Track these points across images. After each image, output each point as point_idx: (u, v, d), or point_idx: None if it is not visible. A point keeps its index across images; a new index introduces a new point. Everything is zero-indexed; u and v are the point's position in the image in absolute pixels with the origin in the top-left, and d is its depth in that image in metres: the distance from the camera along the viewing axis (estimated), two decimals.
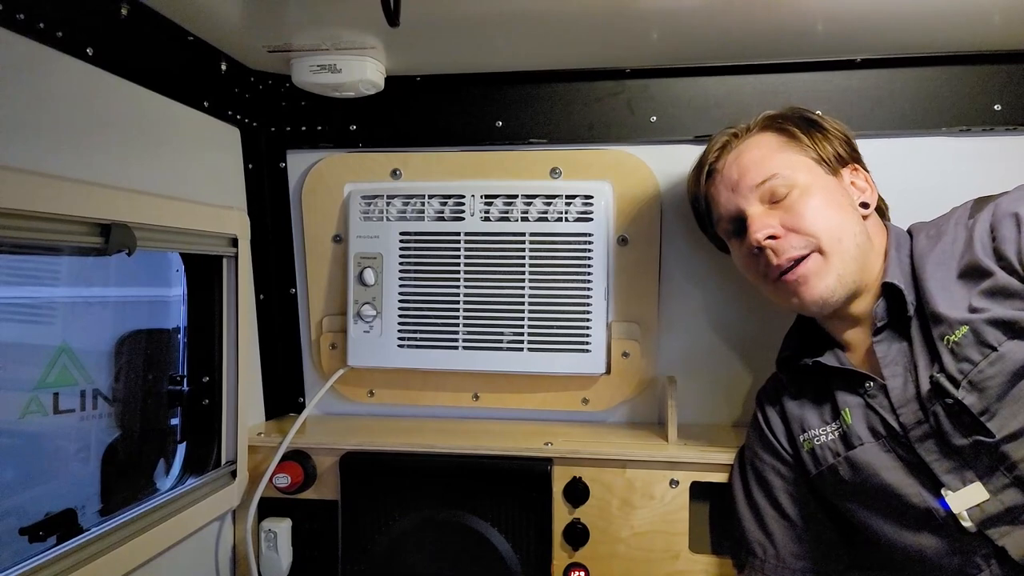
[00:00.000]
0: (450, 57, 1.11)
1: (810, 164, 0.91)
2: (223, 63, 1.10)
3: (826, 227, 0.86)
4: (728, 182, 0.93)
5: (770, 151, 0.92)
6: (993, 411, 0.76)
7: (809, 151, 0.92)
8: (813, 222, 0.86)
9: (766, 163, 0.91)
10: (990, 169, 1.10)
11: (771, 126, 0.95)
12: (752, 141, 0.94)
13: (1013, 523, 0.77)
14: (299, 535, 1.17)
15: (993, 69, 1.08)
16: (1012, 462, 0.76)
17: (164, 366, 1.21)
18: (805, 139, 0.92)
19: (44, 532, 0.98)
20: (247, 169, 1.21)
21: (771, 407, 1.00)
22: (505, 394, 1.24)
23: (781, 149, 0.92)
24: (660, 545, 1.09)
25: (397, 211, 1.20)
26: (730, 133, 0.97)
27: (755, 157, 0.92)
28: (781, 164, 0.90)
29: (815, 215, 0.87)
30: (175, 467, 1.14)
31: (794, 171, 0.90)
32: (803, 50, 1.07)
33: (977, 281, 0.79)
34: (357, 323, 1.21)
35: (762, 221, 0.88)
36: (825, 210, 0.87)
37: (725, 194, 0.94)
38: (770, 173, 0.89)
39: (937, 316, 0.81)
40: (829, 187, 0.90)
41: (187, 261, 1.13)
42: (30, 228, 0.76)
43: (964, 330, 0.78)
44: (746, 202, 0.91)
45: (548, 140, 1.19)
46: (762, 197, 0.90)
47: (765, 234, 0.87)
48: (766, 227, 0.87)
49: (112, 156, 0.90)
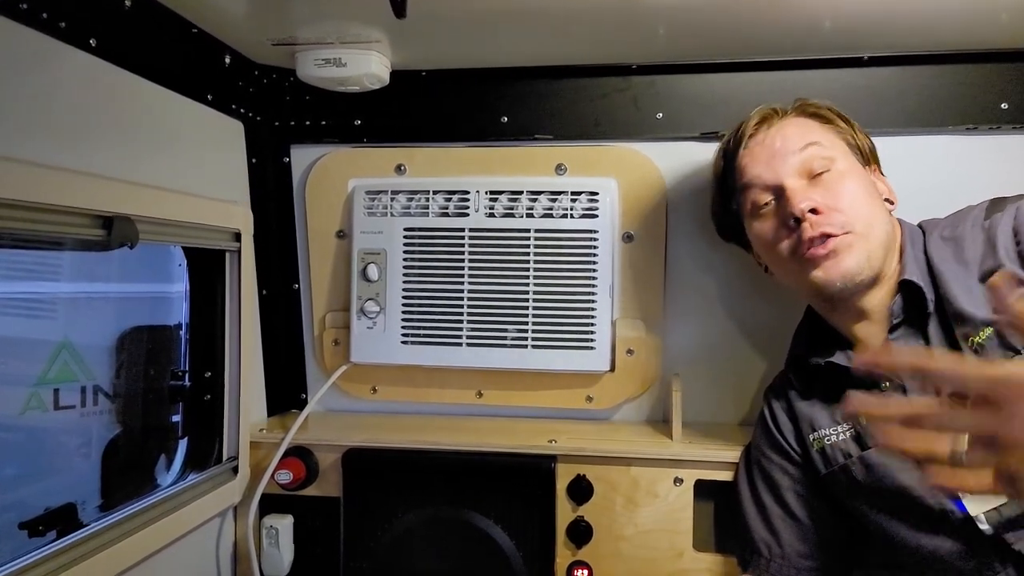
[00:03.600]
0: (455, 52, 1.11)
1: (846, 149, 0.92)
2: (227, 56, 1.09)
3: (863, 212, 0.86)
4: (769, 150, 0.91)
5: (809, 128, 0.92)
6: None
7: (847, 135, 0.93)
8: (852, 204, 0.86)
9: (806, 134, 0.90)
10: (996, 168, 1.09)
11: (806, 111, 0.95)
12: (792, 120, 0.94)
13: None
14: (301, 532, 1.16)
15: (1000, 68, 1.08)
16: None
17: (166, 362, 1.20)
18: (842, 123, 0.93)
19: (44, 527, 0.97)
20: (250, 163, 1.20)
21: (779, 405, 0.99)
22: (509, 391, 1.23)
23: (820, 129, 0.92)
24: (664, 543, 1.09)
25: (401, 207, 1.19)
26: (769, 108, 0.95)
27: (797, 130, 0.91)
28: (822, 138, 0.90)
29: (853, 197, 0.87)
30: (176, 463, 1.13)
31: (834, 149, 0.90)
32: (811, 47, 1.06)
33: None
34: (360, 319, 1.21)
35: (804, 193, 0.87)
36: (862, 195, 0.88)
37: (764, 162, 0.91)
38: (808, 140, 0.89)
39: (962, 316, 0.80)
40: (863, 175, 0.91)
41: (190, 255, 1.12)
42: (32, 220, 0.76)
43: (989, 331, 0.77)
44: (786, 173, 0.89)
45: (554, 136, 1.18)
46: (801, 170, 0.89)
47: (809, 205, 0.85)
48: (809, 199, 0.86)
49: (114, 149, 0.89)
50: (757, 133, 0.93)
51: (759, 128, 0.93)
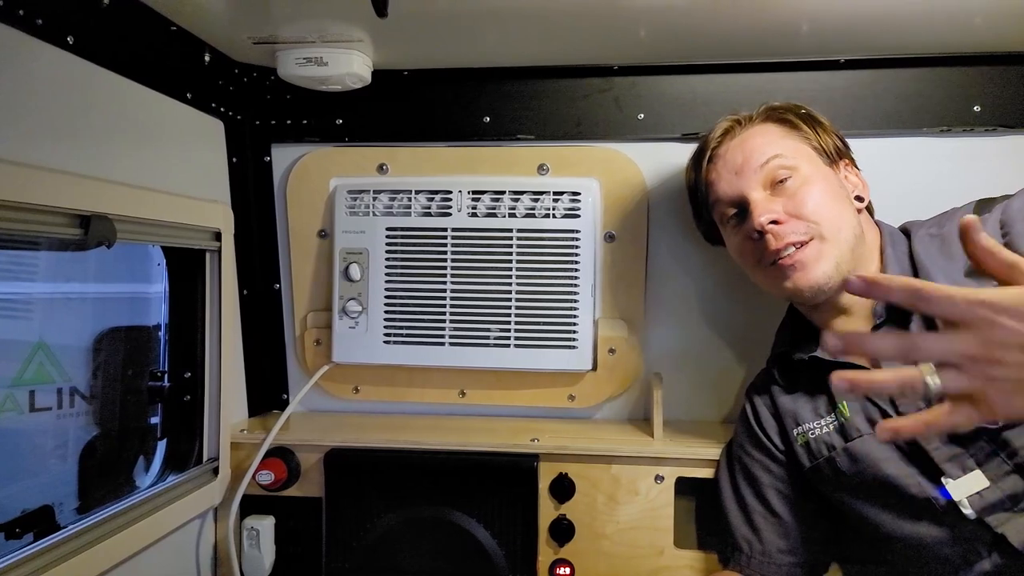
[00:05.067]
0: (438, 51, 1.11)
1: (811, 153, 0.93)
2: (207, 54, 1.08)
3: (827, 215, 0.88)
4: (731, 166, 0.93)
5: (773, 137, 0.93)
6: None
7: (810, 140, 0.94)
8: (815, 209, 0.88)
9: (767, 147, 0.92)
10: (969, 170, 1.12)
11: (772, 116, 0.96)
12: (755, 129, 0.95)
13: (1013, 510, 0.78)
14: (282, 532, 1.15)
15: (974, 71, 1.10)
16: (1013, 449, 0.77)
17: (144, 363, 1.19)
18: (806, 128, 0.94)
19: (20, 529, 0.96)
20: (231, 163, 1.19)
21: (761, 402, 1.01)
22: (492, 391, 1.24)
23: (784, 136, 0.94)
24: (645, 540, 1.10)
25: (384, 206, 1.19)
26: (732, 120, 0.97)
27: (758, 143, 0.93)
28: (784, 148, 0.92)
29: (817, 202, 0.88)
30: (156, 464, 1.12)
31: (796, 157, 0.91)
32: (788, 50, 1.08)
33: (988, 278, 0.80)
34: (342, 319, 1.20)
35: (765, 206, 0.89)
36: (826, 199, 0.89)
37: (727, 178, 0.94)
38: (770, 154, 0.91)
39: None
40: (828, 177, 0.92)
41: (169, 255, 1.11)
42: (7, 219, 0.74)
43: None
44: (748, 186, 0.91)
45: (536, 136, 1.19)
46: (764, 181, 0.91)
47: (768, 218, 0.88)
48: (769, 211, 0.88)
49: (92, 147, 0.88)
50: (720, 146, 0.96)
51: (723, 141, 0.96)
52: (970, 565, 0.81)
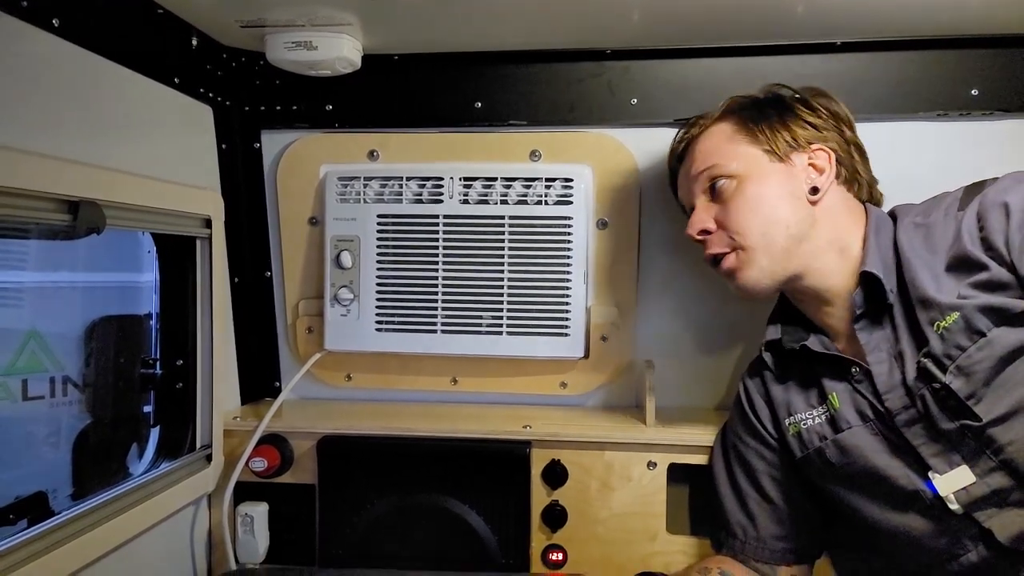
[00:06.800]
0: (428, 35, 1.09)
1: (753, 155, 0.92)
2: (194, 38, 1.07)
3: (755, 225, 0.89)
4: (685, 173, 0.99)
5: (719, 142, 0.94)
6: (980, 395, 0.77)
7: (760, 140, 0.92)
8: (738, 219, 0.90)
9: (709, 155, 0.94)
10: (966, 154, 1.11)
11: (729, 113, 0.96)
12: (710, 131, 0.96)
13: (999, 505, 0.78)
14: (276, 519, 1.16)
15: (970, 54, 1.08)
16: (998, 445, 0.77)
17: (136, 351, 1.19)
18: (757, 127, 0.93)
19: (14, 515, 0.96)
20: (220, 149, 1.18)
21: (755, 390, 1.01)
22: (484, 378, 1.24)
23: (730, 139, 0.94)
24: (638, 526, 1.10)
25: (375, 193, 1.18)
26: (694, 121, 1.00)
27: (705, 148, 0.95)
28: (723, 155, 0.93)
29: (743, 212, 0.90)
30: (149, 452, 1.12)
31: (731, 163, 0.92)
32: (784, 33, 1.06)
33: (968, 271, 0.79)
34: (334, 306, 1.20)
35: (697, 216, 0.94)
36: (756, 206, 0.90)
37: (684, 184, 1.00)
38: (708, 164, 0.94)
39: (927, 301, 0.81)
40: (768, 179, 0.91)
41: (159, 243, 1.11)
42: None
43: (955, 316, 0.78)
44: (694, 194, 0.96)
45: (528, 122, 1.18)
46: (705, 189, 0.95)
47: (697, 228, 0.94)
48: (698, 222, 0.94)
49: (79, 131, 0.87)
50: (681, 150, 1.01)
51: (684, 147, 1.00)
52: (956, 557, 0.81)
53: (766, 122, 0.93)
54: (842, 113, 0.95)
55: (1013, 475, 0.77)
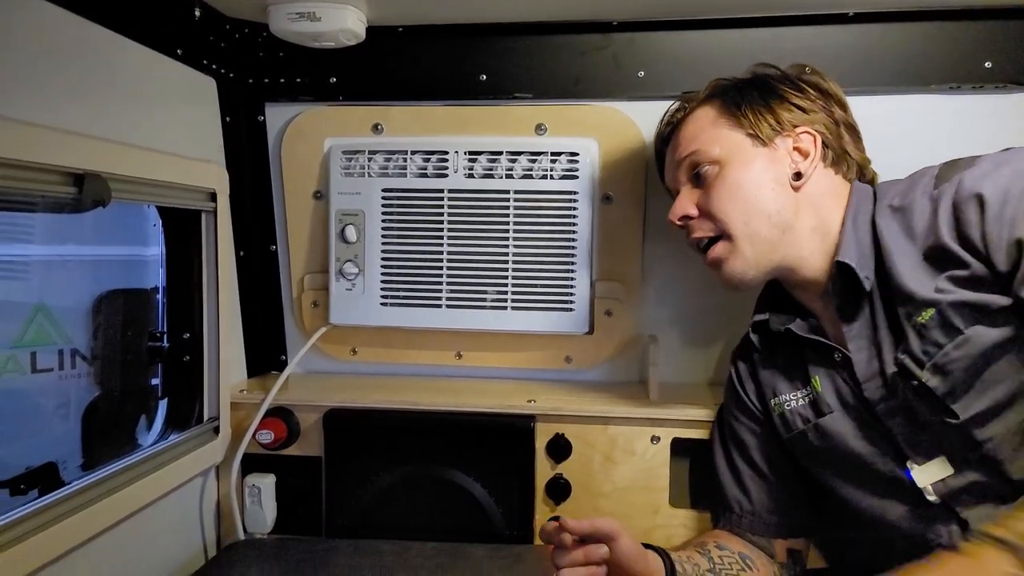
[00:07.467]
0: (432, 7, 1.08)
1: (735, 140, 0.89)
2: (197, 9, 1.06)
3: (734, 211, 0.87)
4: (670, 158, 0.98)
5: (702, 126, 0.92)
6: (958, 394, 0.76)
7: (743, 124, 0.89)
8: (720, 206, 0.88)
9: (692, 140, 0.92)
10: (979, 127, 1.09)
11: (712, 97, 0.93)
12: (694, 114, 0.94)
13: (976, 497, 0.79)
14: (283, 490, 1.17)
15: (984, 25, 1.06)
16: (976, 442, 0.77)
17: (144, 324, 1.20)
18: (741, 111, 0.89)
19: (25, 485, 0.98)
20: (224, 122, 1.17)
21: (744, 368, 1.01)
22: (488, 352, 1.24)
23: (713, 123, 0.91)
24: (641, 500, 1.11)
25: (379, 167, 1.18)
26: (675, 110, 0.99)
27: (688, 133, 0.93)
28: (705, 140, 0.90)
29: (724, 198, 0.88)
30: (157, 423, 1.14)
31: (713, 148, 0.89)
32: (794, 3, 1.04)
33: (945, 265, 0.77)
34: (339, 281, 1.20)
35: (680, 202, 0.92)
36: (737, 192, 0.87)
37: (670, 169, 0.98)
38: (690, 150, 0.91)
39: (904, 295, 0.79)
40: (750, 164, 0.87)
41: (165, 216, 1.11)
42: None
43: (931, 312, 0.76)
44: (679, 180, 0.94)
45: (533, 95, 1.16)
46: (688, 174, 0.93)
47: (679, 214, 0.92)
48: (681, 209, 0.92)
49: (82, 103, 0.87)
50: (668, 133, 0.99)
51: (670, 131, 0.98)
52: (933, 543, 0.81)
53: (750, 105, 0.89)
54: (832, 91, 0.91)
55: (992, 470, 0.77)
